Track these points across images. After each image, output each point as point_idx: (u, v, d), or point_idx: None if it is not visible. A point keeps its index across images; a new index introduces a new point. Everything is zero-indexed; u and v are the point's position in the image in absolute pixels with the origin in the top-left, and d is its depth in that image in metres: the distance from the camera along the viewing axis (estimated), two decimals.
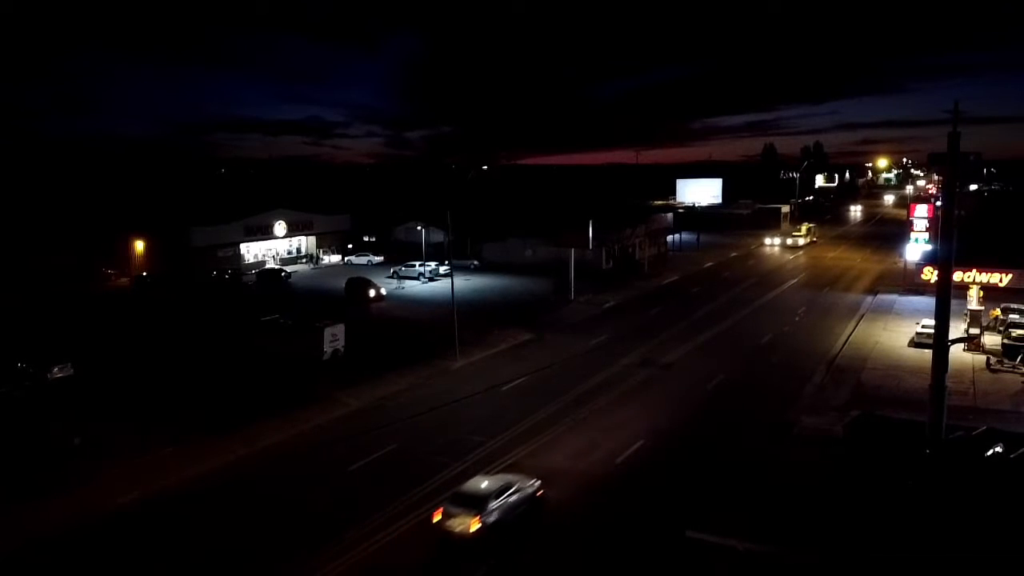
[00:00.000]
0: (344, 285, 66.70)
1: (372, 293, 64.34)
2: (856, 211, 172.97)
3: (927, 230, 65.42)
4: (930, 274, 47.55)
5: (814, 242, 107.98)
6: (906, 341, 49.14)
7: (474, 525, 23.65)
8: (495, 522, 24.19)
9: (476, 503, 24.19)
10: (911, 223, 66.21)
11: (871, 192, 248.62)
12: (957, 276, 41.20)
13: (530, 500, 25.84)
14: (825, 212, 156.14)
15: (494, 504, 24.32)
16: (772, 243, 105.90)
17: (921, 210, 66.23)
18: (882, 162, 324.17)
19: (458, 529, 23.79)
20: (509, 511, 24.73)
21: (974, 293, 47.26)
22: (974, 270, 45.56)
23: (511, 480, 25.93)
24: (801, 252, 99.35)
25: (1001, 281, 45.47)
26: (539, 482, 26.73)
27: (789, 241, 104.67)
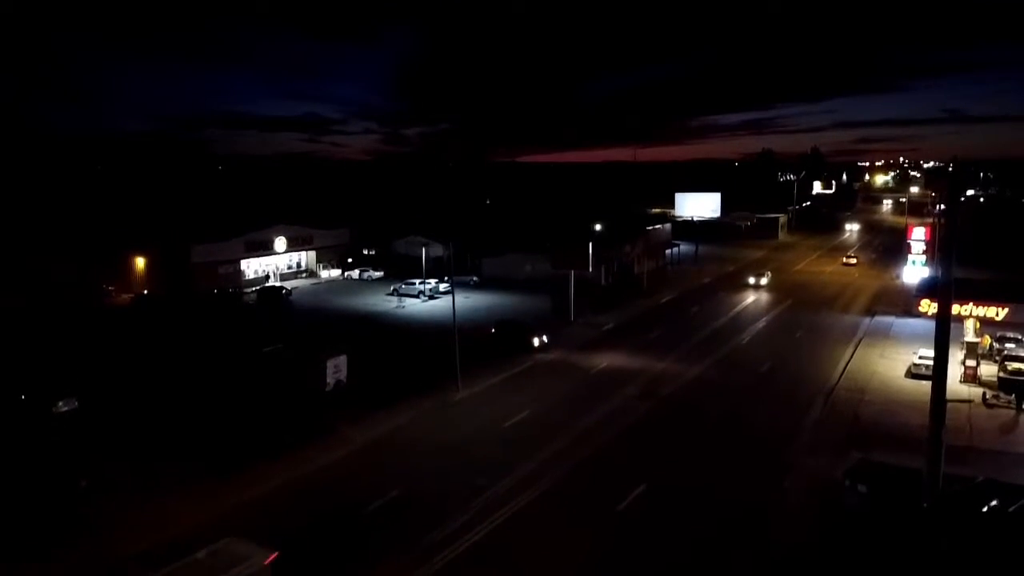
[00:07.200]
0: (493, 329, 57.79)
1: (536, 342, 55.65)
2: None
3: (924, 252, 66.03)
4: (927, 306, 47.97)
5: None
6: (903, 370, 49.57)
7: None
8: None
9: None
10: (909, 245, 66.73)
11: (868, 196, 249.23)
12: (954, 309, 41.63)
13: None
14: (822, 221, 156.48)
15: None
16: None
17: (918, 232, 66.74)
18: (880, 178, 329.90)
19: None
20: None
21: (970, 325, 47.71)
22: (971, 303, 46.04)
23: None
24: None
25: (997, 315, 45.97)
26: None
27: None
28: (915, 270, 66.05)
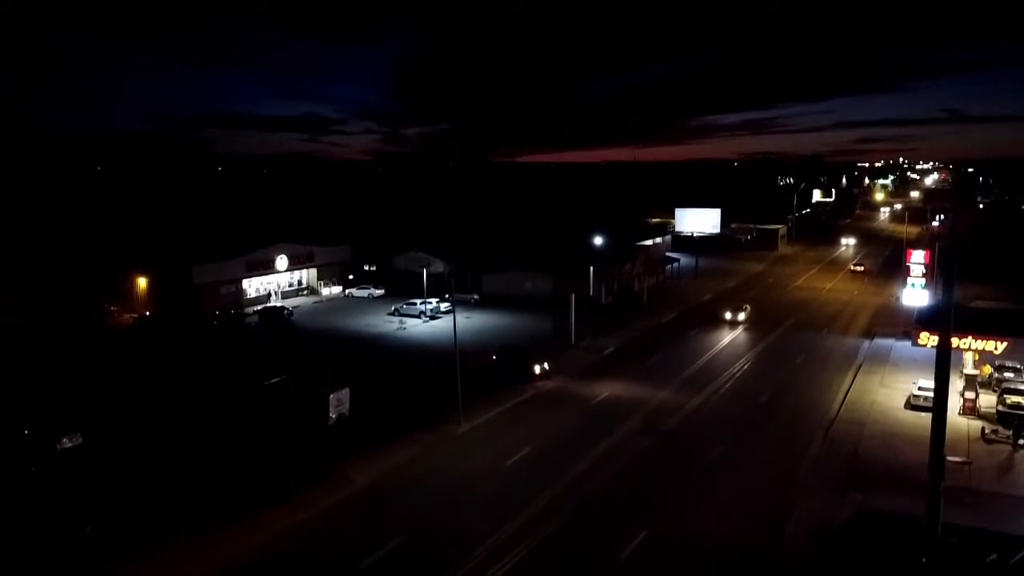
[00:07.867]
0: (495, 355, 57.31)
1: (537, 369, 55.12)
2: None
3: (924, 275, 66.28)
4: (927, 339, 48.25)
5: None
6: (903, 400, 49.76)
7: None
8: None
9: None
10: (908, 268, 66.96)
11: (867, 203, 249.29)
12: (953, 343, 41.85)
13: None
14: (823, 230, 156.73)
15: None
16: None
17: (917, 255, 66.94)
18: (880, 182, 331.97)
19: None
20: None
21: (969, 358, 47.95)
22: (970, 337, 46.31)
23: None
24: None
25: (996, 349, 46.24)
26: None
27: None
28: (914, 293, 66.26)
